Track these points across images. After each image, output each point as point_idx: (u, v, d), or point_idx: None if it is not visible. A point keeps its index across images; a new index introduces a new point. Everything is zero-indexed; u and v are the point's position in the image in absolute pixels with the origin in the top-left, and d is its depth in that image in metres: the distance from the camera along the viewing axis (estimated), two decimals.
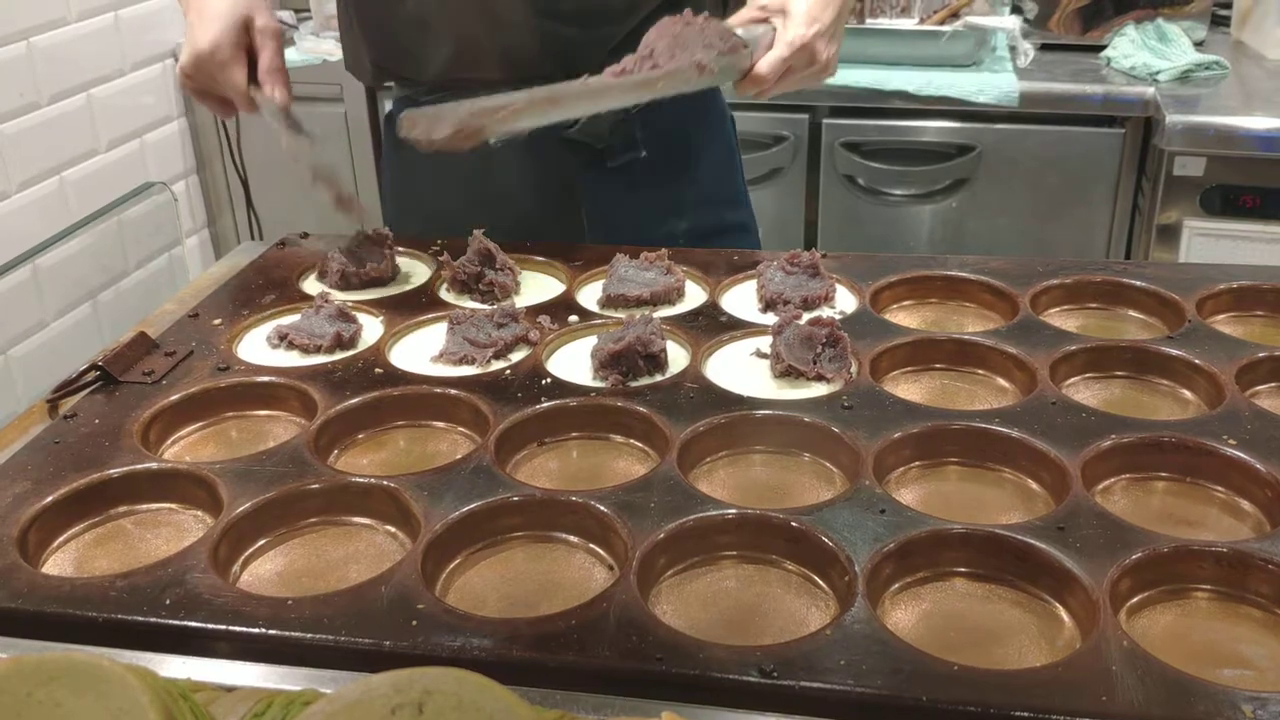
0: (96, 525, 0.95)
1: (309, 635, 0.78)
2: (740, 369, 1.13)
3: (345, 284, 1.31)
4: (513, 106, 1.09)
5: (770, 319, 1.19)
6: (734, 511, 0.90)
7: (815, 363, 1.10)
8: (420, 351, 1.17)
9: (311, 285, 1.33)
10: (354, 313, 1.21)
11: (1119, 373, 1.13)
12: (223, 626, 0.79)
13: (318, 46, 2.74)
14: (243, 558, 0.90)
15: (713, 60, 1.17)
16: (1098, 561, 0.83)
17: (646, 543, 0.86)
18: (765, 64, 1.20)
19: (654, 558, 0.86)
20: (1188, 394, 1.09)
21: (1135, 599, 0.83)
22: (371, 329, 1.21)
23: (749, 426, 1.02)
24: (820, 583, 0.85)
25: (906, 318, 1.24)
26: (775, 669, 0.73)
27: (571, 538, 0.91)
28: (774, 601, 0.84)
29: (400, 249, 1.38)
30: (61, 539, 0.93)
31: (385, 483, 0.94)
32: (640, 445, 1.03)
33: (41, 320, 2.39)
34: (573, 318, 1.22)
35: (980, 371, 1.13)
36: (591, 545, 0.90)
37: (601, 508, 0.90)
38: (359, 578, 0.85)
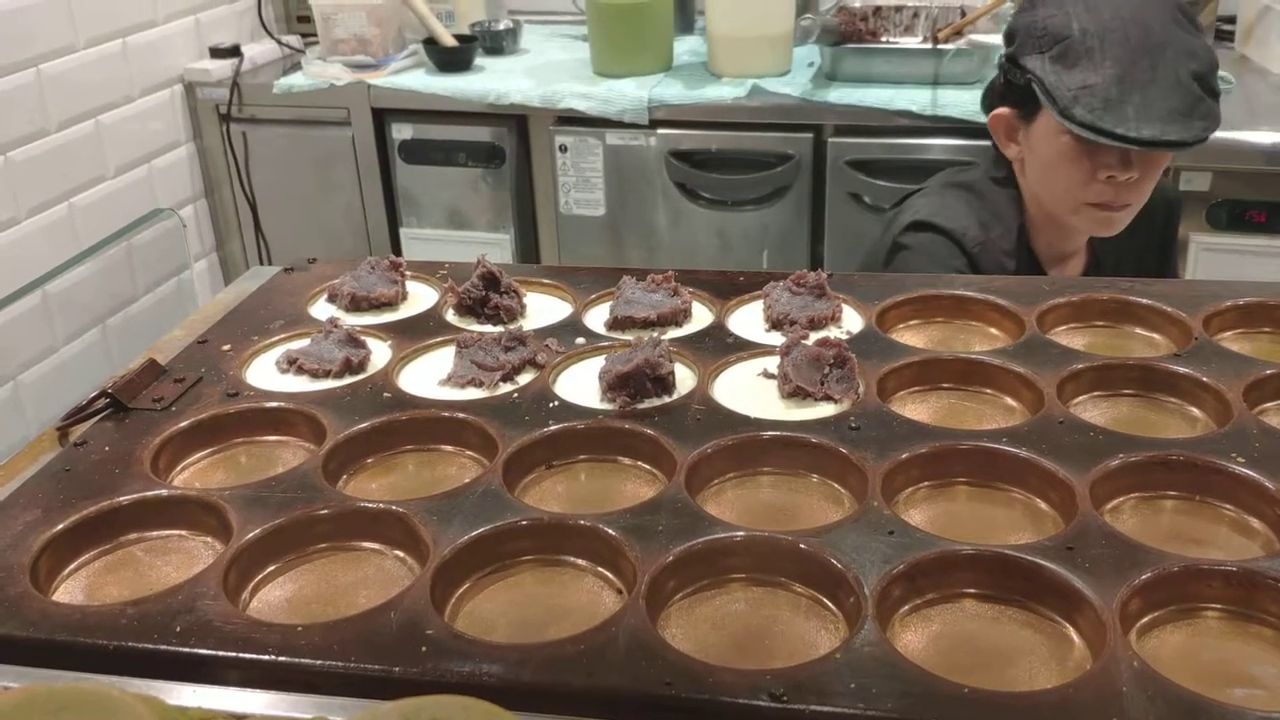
0: (107, 553, 0.95)
1: (319, 662, 0.78)
2: (747, 390, 1.13)
3: (354, 308, 1.32)
4: None
5: (777, 339, 1.19)
6: (742, 534, 0.90)
7: (823, 383, 1.10)
8: (428, 375, 1.17)
9: (320, 310, 1.34)
10: (363, 337, 1.22)
11: (1126, 391, 1.13)
12: (233, 654, 0.79)
13: (324, 71, 2.76)
14: (252, 584, 0.90)
15: None
16: (1107, 581, 0.83)
17: (655, 566, 0.86)
18: None
19: (663, 581, 0.86)
20: (1196, 412, 1.09)
21: (1145, 619, 0.83)
22: (380, 353, 1.22)
23: (757, 448, 1.02)
24: (829, 605, 0.85)
25: (913, 337, 1.24)
26: (785, 693, 0.73)
27: (580, 561, 0.91)
28: (783, 624, 0.84)
29: (408, 274, 1.38)
30: (72, 567, 0.93)
31: (394, 507, 0.94)
32: (648, 467, 1.03)
33: (51, 346, 2.40)
34: (579, 340, 1.22)
35: (987, 391, 1.13)
36: (600, 569, 0.90)
37: (610, 531, 0.90)
38: (368, 603, 0.85)
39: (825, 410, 1.08)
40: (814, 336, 1.18)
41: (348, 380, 1.16)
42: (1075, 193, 1.56)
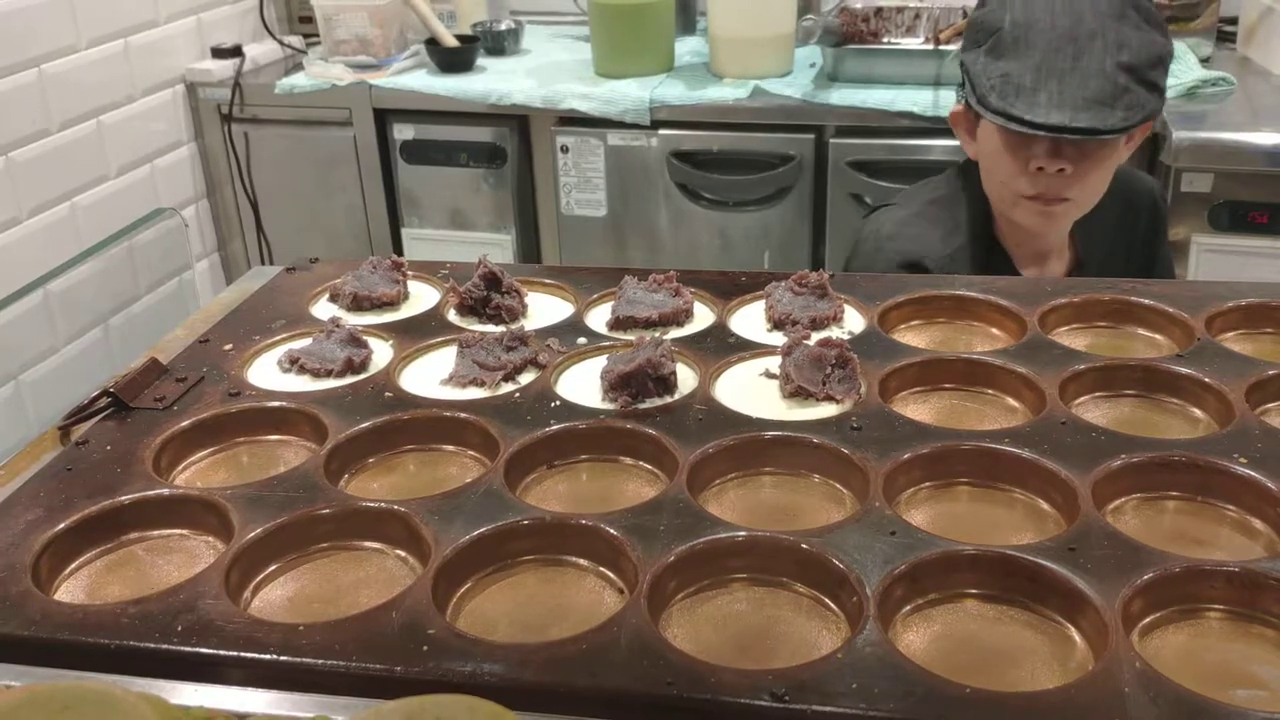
0: (108, 552, 0.95)
1: (320, 661, 0.78)
2: (749, 390, 1.13)
3: (356, 308, 1.32)
4: None
5: (779, 340, 1.19)
6: (744, 534, 0.90)
7: (824, 383, 1.10)
8: (430, 375, 1.17)
9: (321, 309, 1.34)
10: (364, 337, 1.22)
11: (1128, 391, 1.13)
12: (234, 653, 0.79)
13: (326, 71, 2.76)
14: (254, 583, 0.90)
15: None
16: (1109, 582, 0.83)
17: (657, 566, 0.86)
18: None
19: (664, 581, 0.86)
20: (1198, 412, 1.09)
21: (1147, 619, 0.83)
22: (382, 353, 1.22)
23: (758, 448, 1.02)
24: (831, 605, 0.85)
25: (915, 338, 1.24)
26: (787, 693, 0.73)
27: (582, 561, 0.91)
28: (785, 624, 0.84)
29: (410, 273, 1.38)
30: (73, 566, 0.93)
31: (396, 507, 0.94)
32: (650, 467, 1.03)
33: (53, 345, 2.40)
34: (581, 340, 1.22)
35: (989, 391, 1.13)
36: (602, 568, 0.90)
37: (611, 531, 0.90)
38: (370, 603, 0.85)
39: (827, 410, 1.08)
40: (816, 337, 1.18)
41: (349, 380, 1.16)
42: (1011, 185, 1.55)
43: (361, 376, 1.17)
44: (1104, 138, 1.46)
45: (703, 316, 1.28)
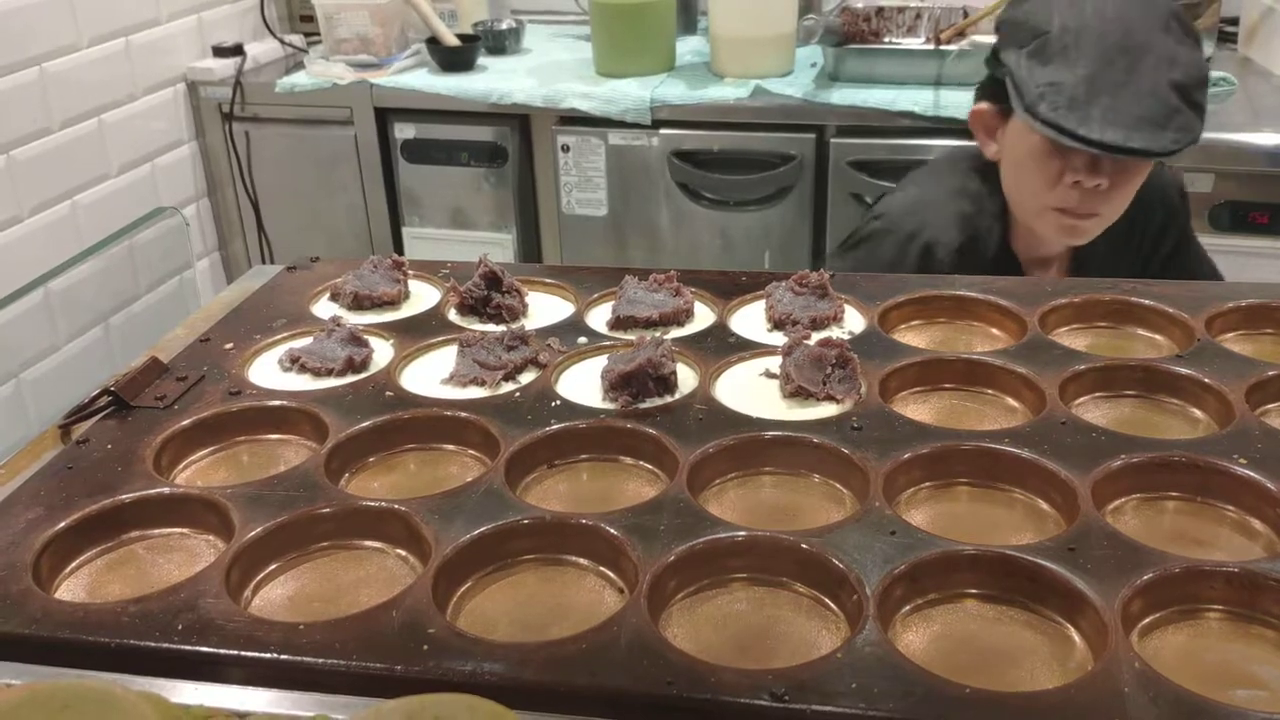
0: (109, 550, 0.95)
1: (320, 660, 0.78)
2: (749, 390, 1.13)
3: (356, 307, 1.32)
4: None
5: (779, 339, 1.19)
6: (744, 534, 0.90)
7: (825, 383, 1.10)
8: (431, 374, 1.17)
9: (322, 308, 1.34)
10: (365, 336, 1.22)
11: (1128, 392, 1.13)
12: (234, 652, 0.79)
13: (328, 70, 2.76)
14: (254, 582, 0.90)
15: None
16: (1109, 582, 0.83)
17: (657, 565, 0.86)
18: None
19: (664, 580, 0.86)
20: (1198, 413, 1.09)
21: (1147, 619, 0.83)
22: (382, 352, 1.22)
23: (758, 448, 1.02)
24: (831, 605, 0.85)
25: (915, 338, 1.24)
26: (787, 692, 0.73)
27: (582, 560, 0.91)
28: (785, 624, 0.84)
29: (411, 273, 1.39)
30: (74, 564, 0.93)
31: (396, 506, 0.94)
32: (650, 467, 1.03)
33: (53, 344, 2.41)
34: (581, 339, 1.22)
35: (989, 391, 1.13)
36: (602, 568, 0.90)
37: (612, 530, 0.90)
38: (370, 602, 0.85)
39: (827, 410, 1.08)
40: (816, 336, 1.18)
41: (350, 379, 1.16)
42: (1041, 195, 1.51)
43: (362, 376, 1.17)
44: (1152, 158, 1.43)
45: (703, 316, 1.28)
